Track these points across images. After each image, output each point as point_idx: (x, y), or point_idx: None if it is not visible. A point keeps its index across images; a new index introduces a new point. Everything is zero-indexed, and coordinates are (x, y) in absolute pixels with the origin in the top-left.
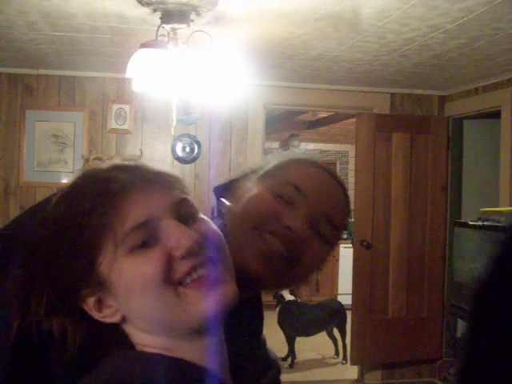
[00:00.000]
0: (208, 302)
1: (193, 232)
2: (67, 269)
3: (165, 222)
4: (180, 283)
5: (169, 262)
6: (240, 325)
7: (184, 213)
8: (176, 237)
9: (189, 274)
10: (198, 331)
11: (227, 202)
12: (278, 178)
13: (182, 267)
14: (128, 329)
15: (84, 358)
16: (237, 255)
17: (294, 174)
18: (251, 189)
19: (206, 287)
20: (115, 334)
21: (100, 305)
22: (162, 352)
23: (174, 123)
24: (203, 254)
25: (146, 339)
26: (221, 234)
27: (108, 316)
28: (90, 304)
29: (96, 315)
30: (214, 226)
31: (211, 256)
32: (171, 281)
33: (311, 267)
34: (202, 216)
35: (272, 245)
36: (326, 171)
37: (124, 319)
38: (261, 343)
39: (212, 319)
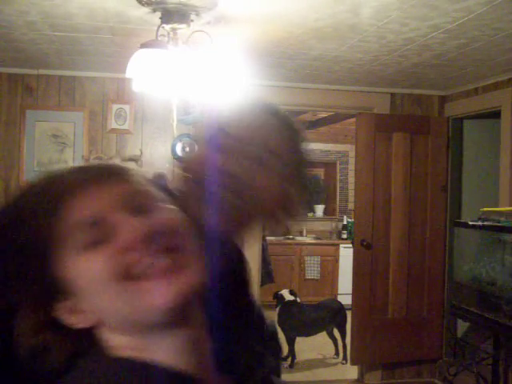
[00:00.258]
0: (169, 293)
1: (146, 222)
2: (28, 276)
3: (115, 216)
4: (140, 277)
5: (123, 257)
6: (227, 310)
7: (138, 204)
8: (127, 229)
9: (146, 265)
10: (167, 325)
11: (182, 173)
12: (214, 132)
13: (137, 259)
14: (101, 332)
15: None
16: (196, 216)
17: (227, 122)
18: (196, 153)
19: (166, 277)
20: (90, 339)
21: (71, 310)
22: (136, 353)
23: (175, 123)
24: (159, 243)
25: (120, 341)
26: (181, 219)
27: (80, 321)
28: (61, 311)
29: (68, 322)
30: (173, 212)
31: (169, 244)
32: (129, 275)
33: (267, 201)
34: (162, 205)
35: (218, 194)
36: (267, 111)
37: (96, 323)
38: (252, 330)
39: (178, 311)
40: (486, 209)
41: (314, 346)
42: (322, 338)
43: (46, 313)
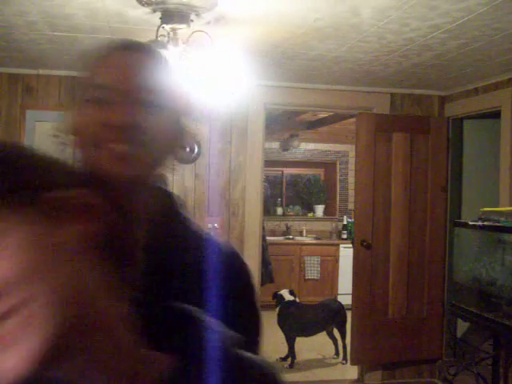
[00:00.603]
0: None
1: None
2: None
3: None
4: None
5: None
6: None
7: None
8: None
9: None
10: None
11: (70, 137)
12: (85, 90)
13: None
14: None
15: None
16: (103, 177)
17: (93, 74)
18: (77, 114)
19: None
20: None
21: None
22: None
23: None
24: None
25: None
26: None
27: None
28: None
29: None
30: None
31: None
32: None
33: (163, 139)
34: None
35: (117, 150)
36: (121, 49)
37: None
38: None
39: (35, 371)
40: (486, 209)
41: (313, 345)
42: (321, 338)
43: None
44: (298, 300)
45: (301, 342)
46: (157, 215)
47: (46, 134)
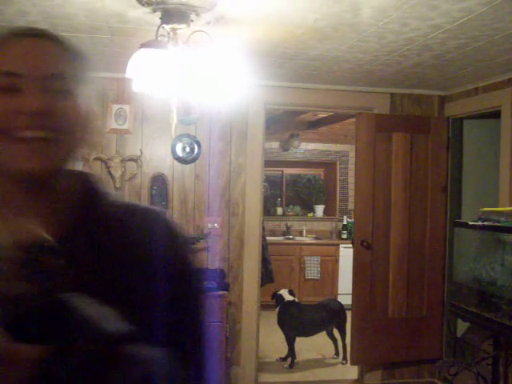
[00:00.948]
0: None
1: None
2: None
3: None
4: None
5: None
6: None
7: None
8: None
9: None
10: None
11: None
12: None
13: None
14: None
15: None
16: (12, 171)
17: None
18: None
19: None
20: None
21: None
22: None
23: (175, 123)
24: None
25: None
26: None
27: None
28: None
29: None
30: None
31: None
32: None
33: (77, 126)
34: None
35: (30, 137)
36: (24, 35)
37: None
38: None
39: None
40: (485, 209)
41: (313, 345)
42: (322, 338)
43: None
44: (296, 300)
45: (301, 342)
46: (73, 198)
47: None
